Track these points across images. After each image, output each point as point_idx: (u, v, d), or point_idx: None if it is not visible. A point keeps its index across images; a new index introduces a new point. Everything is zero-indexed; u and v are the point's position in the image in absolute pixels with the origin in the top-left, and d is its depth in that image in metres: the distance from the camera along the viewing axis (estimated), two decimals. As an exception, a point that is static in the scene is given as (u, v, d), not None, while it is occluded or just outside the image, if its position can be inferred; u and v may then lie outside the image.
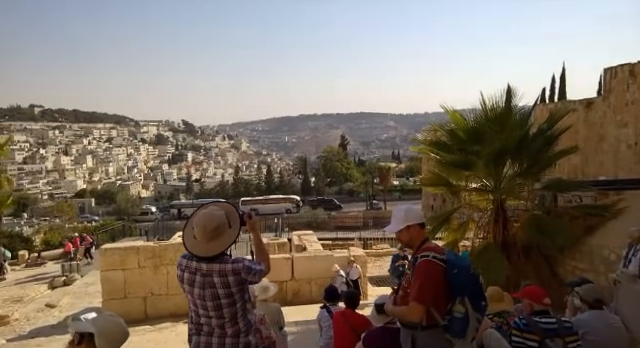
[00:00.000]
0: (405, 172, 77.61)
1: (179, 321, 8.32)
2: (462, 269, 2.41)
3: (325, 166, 71.59)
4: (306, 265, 10.37)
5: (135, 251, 10.13)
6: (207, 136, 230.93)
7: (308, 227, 22.86)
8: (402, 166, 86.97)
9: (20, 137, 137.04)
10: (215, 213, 2.42)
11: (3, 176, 26.53)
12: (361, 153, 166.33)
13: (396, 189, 57.44)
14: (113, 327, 1.88)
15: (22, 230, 28.22)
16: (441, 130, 7.80)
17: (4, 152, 27.32)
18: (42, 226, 31.59)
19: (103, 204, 73.20)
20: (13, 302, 11.95)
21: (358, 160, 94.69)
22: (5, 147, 27.71)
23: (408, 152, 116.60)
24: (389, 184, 48.40)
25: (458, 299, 2.37)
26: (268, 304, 4.57)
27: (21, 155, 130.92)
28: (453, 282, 2.38)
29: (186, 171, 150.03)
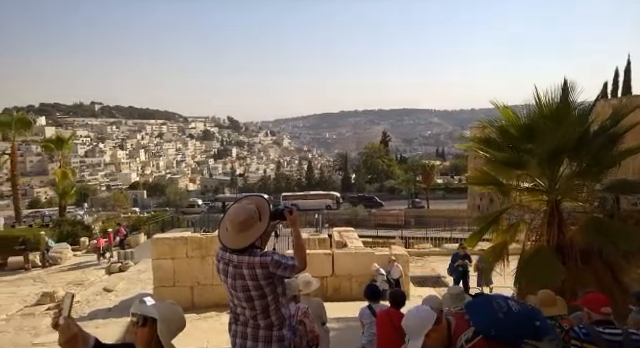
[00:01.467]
0: (450, 170, 75.38)
1: (223, 311, 8.57)
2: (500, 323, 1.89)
3: (366, 163, 70.97)
4: (347, 261, 10.33)
5: (184, 242, 10.52)
6: (250, 132, 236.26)
7: (348, 224, 22.73)
8: (446, 164, 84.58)
9: (82, 132, 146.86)
10: (245, 207, 2.49)
11: (68, 168, 28.60)
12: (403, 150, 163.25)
13: (440, 187, 55.92)
14: (174, 315, 1.93)
15: (83, 218, 30.25)
16: (490, 127, 7.44)
17: (69, 146, 29.48)
18: (100, 215, 33.75)
19: (154, 196, 76.87)
20: (75, 285, 12.90)
21: (400, 157, 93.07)
22: (70, 141, 29.91)
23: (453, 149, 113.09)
24: (432, 182, 47.16)
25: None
26: (311, 298, 4.59)
27: (83, 149, 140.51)
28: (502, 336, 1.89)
29: (230, 166, 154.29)
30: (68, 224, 23.09)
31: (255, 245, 2.48)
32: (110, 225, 26.37)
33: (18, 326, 8.09)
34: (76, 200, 40.61)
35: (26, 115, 30.15)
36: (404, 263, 10.22)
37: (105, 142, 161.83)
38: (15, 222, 25.72)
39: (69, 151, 31.68)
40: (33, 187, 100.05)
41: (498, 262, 7.12)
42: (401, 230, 23.26)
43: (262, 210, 2.52)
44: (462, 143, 10.98)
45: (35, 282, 14.07)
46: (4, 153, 26.34)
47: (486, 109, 8.48)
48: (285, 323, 2.55)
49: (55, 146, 28.19)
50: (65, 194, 26.71)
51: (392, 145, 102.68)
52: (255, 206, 2.52)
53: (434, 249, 16.85)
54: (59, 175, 26.96)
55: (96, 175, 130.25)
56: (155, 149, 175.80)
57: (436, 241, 19.13)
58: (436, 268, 13.55)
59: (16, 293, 12.48)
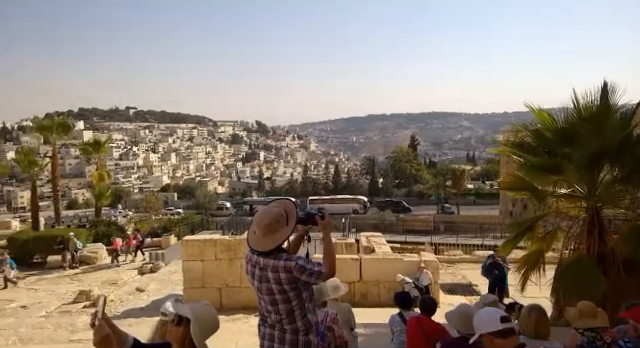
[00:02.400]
0: (481, 175, 73.68)
1: (250, 314, 8.63)
2: None
3: (394, 167, 70.32)
4: (374, 267, 10.20)
5: (212, 244, 10.66)
6: (278, 136, 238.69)
7: (375, 229, 22.54)
8: (477, 169, 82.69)
9: (117, 136, 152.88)
10: (271, 210, 2.49)
11: (104, 171, 29.73)
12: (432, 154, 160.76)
13: (470, 193, 54.71)
14: (207, 316, 1.96)
15: (117, 219, 31.36)
16: (525, 130, 7.20)
17: (105, 149, 30.68)
18: (133, 216, 34.89)
19: (184, 198, 78.89)
20: (110, 284, 13.36)
21: (429, 161, 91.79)
22: (106, 145, 31.13)
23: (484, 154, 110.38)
24: (463, 187, 46.20)
25: None
26: (339, 304, 4.56)
27: (117, 152, 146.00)
28: None
29: (258, 169, 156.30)
30: (103, 225, 23.97)
31: (281, 249, 2.48)
32: (142, 226, 27.23)
33: (56, 323, 8.45)
34: (111, 202, 42.17)
35: (66, 120, 31.56)
36: (434, 270, 9.99)
37: (138, 145, 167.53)
38: (55, 222, 26.95)
39: (105, 154, 32.93)
40: (71, 189, 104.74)
41: (533, 271, 6.84)
42: (430, 236, 22.82)
43: (289, 214, 2.51)
44: (494, 147, 10.62)
45: (72, 281, 14.68)
46: (46, 156, 27.67)
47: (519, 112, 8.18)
48: (312, 329, 2.53)
49: (92, 149, 29.38)
50: (101, 196, 27.75)
51: (421, 149, 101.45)
52: (282, 210, 2.51)
53: (465, 256, 16.39)
54: (96, 177, 28.07)
55: (130, 177, 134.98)
56: (186, 152, 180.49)
57: (467, 248, 18.64)
58: (467, 276, 13.18)
59: (55, 291, 13.05)
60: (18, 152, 29.34)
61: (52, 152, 26.58)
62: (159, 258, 16.81)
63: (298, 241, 2.84)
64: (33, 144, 42.33)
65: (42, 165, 26.70)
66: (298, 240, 2.84)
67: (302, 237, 2.83)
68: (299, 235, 2.83)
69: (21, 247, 18.21)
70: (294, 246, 2.81)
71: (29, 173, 26.15)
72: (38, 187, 27.17)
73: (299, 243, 2.85)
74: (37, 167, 26.16)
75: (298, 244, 2.85)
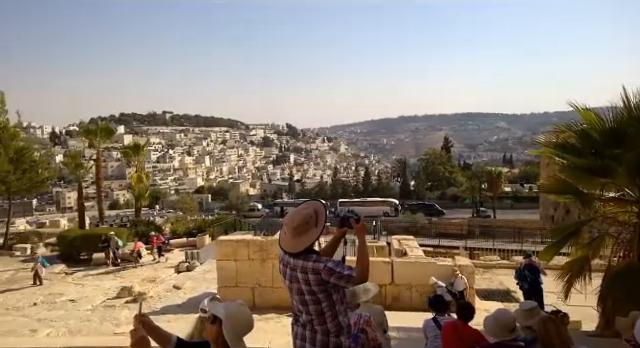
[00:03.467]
0: (519, 178, 71.03)
1: (283, 314, 8.70)
2: None
3: (426, 169, 68.88)
4: (407, 270, 10.05)
5: (245, 244, 10.83)
6: (308, 138, 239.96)
7: (406, 232, 22.15)
8: (515, 171, 79.78)
9: (154, 139, 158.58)
10: (300, 212, 2.50)
11: (143, 173, 30.92)
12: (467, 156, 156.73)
13: (508, 196, 52.77)
14: (240, 315, 1.97)
15: (155, 220, 32.47)
16: (569, 131, 6.87)
17: (143, 152, 31.91)
18: (170, 217, 36.03)
19: (217, 200, 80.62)
20: (149, 282, 13.88)
21: (463, 164, 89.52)
22: (144, 148, 32.37)
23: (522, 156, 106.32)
24: (499, 190, 44.55)
25: None
26: (372, 306, 4.53)
27: (155, 155, 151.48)
28: None
29: (288, 171, 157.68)
30: (143, 224, 24.89)
31: (311, 250, 2.47)
32: (178, 226, 28.05)
33: (102, 316, 8.88)
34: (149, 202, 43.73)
35: (109, 124, 33.09)
36: (469, 275, 9.73)
37: (174, 149, 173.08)
38: (99, 222, 28.25)
39: (144, 157, 34.25)
40: (113, 190, 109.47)
41: (578, 279, 6.52)
42: (465, 240, 22.21)
43: (319, 215, 2.50)
44: (535, 149, 10.19)
45: (115, 277, 15.36)
46: (90, 159, 29.10)
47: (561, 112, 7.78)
48: (343, 331, 2.51)
49: (132, 152, 30.62)
50: (140, 197, 28.85)
51: (454, 151, 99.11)
52: (312, 211, 2.50)
53: (502, 262, 15.83)
54: (135, 179, 29.22)
55: (166, 179, 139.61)
56: (219, 155, 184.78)
57: (504, 253, 18.00)
58: (505, 282, 12.74)
59: (99, 286, 13.70)
60: (66, 155, 31.01)
61: (96, 155, 27.91)
62: (194, 257, 17.25)
63: (334, 244, 2.82)
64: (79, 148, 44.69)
65: (87, 167, 28.08)
66: (334, 243, 2.82)
67: (338, 240, 2.82)
68: (335, 238, 2.81)
69: (69, 244, 19.23)
70: (330, 249, 2.80)
71: (76, 175, 27.58)
72: (83, 188, 28.59)
73: (335, 246, 2.83)
74: (83, 169, 27.54)
75: (334, 247, 2.83)
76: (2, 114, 23.96)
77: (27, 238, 25.11)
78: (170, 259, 18.58)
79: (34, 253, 18.06)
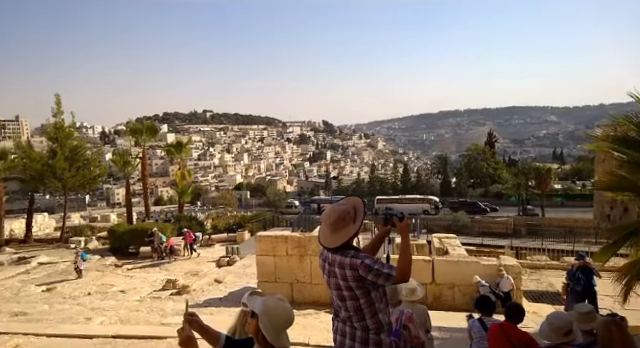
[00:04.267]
0: (570, 174, 67.24)
1: (321, 310, 8.72)
2: None
3: (468, 166, 66.44)
4: (448, 269, 9.76)
5: (284, 240, 10.94)
6: (345, 135, 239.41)
7: (447, 230, 21.61)
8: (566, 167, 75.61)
9: (196, 137, 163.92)
10: (338, 207, 2.50)
11: (185, 170, 32.04)
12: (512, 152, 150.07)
13: (558, 194, 50.09)
14: (277, 311, 1.96)
15: (197, 215, 33.60)
16: (628, 124, 6.35)
17: (186, 150, 33.04)
18: (211, 213, 37.15)
19: (256, 196, 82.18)
20: (192, 275, 14.37)
21: (509, 160, 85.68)
22: (187, 146, 33.53)
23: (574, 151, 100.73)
24: (548, 188, 42.23)
25: None
26: (415, 305, 4.44)
27: (196, 153, 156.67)
28: None
29: (325, 168, 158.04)
30: (186, 220, 25.79)
31: (350, 246, 2.47)
32: (219, 222, 28.85)
33: (149, 307, 9.29)
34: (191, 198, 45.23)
35: (153, 123, 34.49)
36: (515, 275, 9.32)
37: (214, 146, 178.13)
38: (145, 217, 29.57)
39: (186, 155, 35.42)
40: (157, 186, 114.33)
41: (638, 281, 6.05)
42: (510, 239, 21.33)
43: (357, 212, 2.51)
44: (590, 143, 9.50)
45: (160, 270, 16.03)
46: (137, 157, 30.49)
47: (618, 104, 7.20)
48: (383, 329, 2.48)
49: (175, 150, 31.78)
50: (183, 193, 29.93)
51: (499, 146, 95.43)
52: (349, 207, 2.51)
53: (552, 263, 14.99)
54: (178, 176, 30.33)
55: (207, 176, 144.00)
56: (257, 152, 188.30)
57: (554, 253, 17.08)
58: (555, 283, 12.09)
59: (146, 278, 14.35)
60: (114, 154, 32.65)
61: (142, 153, 29.21)
62: (234, 252, 17.68)
63: (378, 241, 2.79)
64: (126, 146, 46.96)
65: (134, 165, 29.44)
66: (378, 240, 2.79)
67: (382, 238, 2.78)
68: (379, 235, 2.78)
69: (118, 238, 20.27)
70: (373, 246, 2.78)
71: (124, 172, 29.02)
72: (130, 185, 30.01)
73: (379, 243, 2.80)
74: (130, 167, 28.92)
75: (378, 245, 2.80)
76: (58, 115, 25.57)
77: (81, 231, 26.77)
78: (211, 253, 19.15)
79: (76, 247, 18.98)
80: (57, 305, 9.61)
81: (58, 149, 25.07)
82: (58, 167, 24.50)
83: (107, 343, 5.10)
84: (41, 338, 5.36)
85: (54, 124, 25.53)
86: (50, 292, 12.37)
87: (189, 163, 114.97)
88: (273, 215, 32.40)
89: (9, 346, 4.96)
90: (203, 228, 25.91)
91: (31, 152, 25.95)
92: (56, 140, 25.40)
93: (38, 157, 25.37)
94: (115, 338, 5.29)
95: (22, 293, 12.22)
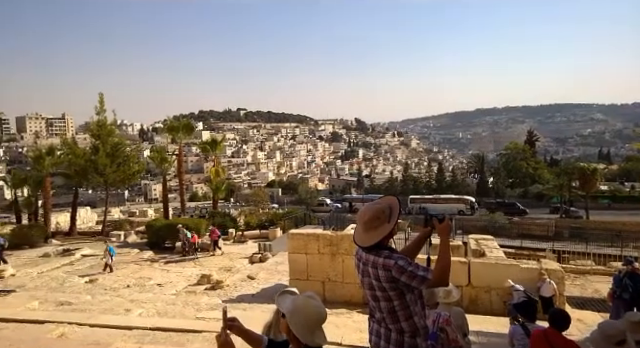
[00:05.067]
0: (617, 175, 63.53)
1: (353, 310, 8.62)
2: None
3: (507, 165, 63.98)
4: (485, 272, 9.43)
5: (315, 238, 10.90)
6: (377, 133, 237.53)
7: (483, 231, 20.89)
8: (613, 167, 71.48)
9: (229, 135, 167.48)
10: (373, 206, 2.48)
11: (219, 167, 32.76)
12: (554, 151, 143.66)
13: (604, 195, 47.42)
14: (306, 309, 1.91)
15: (230, 212, 34.27)
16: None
17: (220, 148, 33.79)
18: (244, 210, 37.77)
19: (287, 194, 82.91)
20: (225, 271, 14.64)
21: (550, 159, 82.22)
22: (221, 144, 34.27)
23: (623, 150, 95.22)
24: (594, 189, 40.01)
25: None
26: (452, 307, 4.34)
27: (230, 150, 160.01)
28: None
29: (357, 167, 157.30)
30: (220, 216, 26.35)
31: (385, 245, 2.43)
32: (251, 219, 29.26)
33: (184, 301, 9.54)
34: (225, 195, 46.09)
35: (189, 121, 35.46)
36: (558, 280, 8.89)
37: (248, 144, 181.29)
38: (181, 212, 30.48)
39: (220, 152, 36.18)
40: (192, 183, 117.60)
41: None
42: (552, 242, 20.40)
43: (393, 211, 2.46)
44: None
45: (195, 265, 16.44)
46: (173, 154, 31.45)
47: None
48: (419, 332, 2.41)
49: (210, 148, 32.54)
50: (217, 189, 30.60)
51: (540, 145, 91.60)
52: (384, 206, 2.46)
53: (597, 267, 14.18)
54: (213, 173, 31.05)
55: (240, 173, 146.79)
56: (289, 150, 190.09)
57: (600, 258, 16.16)
58: (601, 290, 11.44)
59: (182, 273, 14.75)
60: (152, 150, 33.84)
61: (178, 150, 30.10)
62: (267, 249, 17.85)
63: (419, 243, 2.70)
64: (163, 143, 48.56)
65: (171, 162, 30.40)
66: (419, 242, 2.70)
67: (423, 239, 2.68)
68: (420, 237, 2.69)
69: (155, 233, 20.97)
70: (414, 248, 2.70)
71: (161, 169, 30.02)
72: (167, 181, 31.02)
73: (419, 245, 2.70)
74: (167, 163, 29.88)
75: (418, 246, 2.71)
76: (101, 113, 26.78)
77: (121, 226, 27.98)
78: (244, 250, 19.46)
79: (105, 242, 19.41)
80: (99, 296, 10.05)
81: (100, 146, 26.26)
82: (100, 163, 25.66)
83: (146, 335, 5.25)
84: (84, 327, 5.59)
85: (97, 122, 26.74)
86: (92, 283, 12.96)
87: (223, 160, 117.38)
88: (305, 213, 32.51)
89: (55, 334, 5.20)
90: (236, 224, 26.36)
91: (76, 148, 27.30)
92: (99, 137, 26.60)
93: (82, 153, 26.68)
94: (153, 330, 5.43)
95: (67, 283, 12.87)
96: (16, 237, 22.05)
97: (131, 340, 4.91)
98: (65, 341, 4.97)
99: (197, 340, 5.09)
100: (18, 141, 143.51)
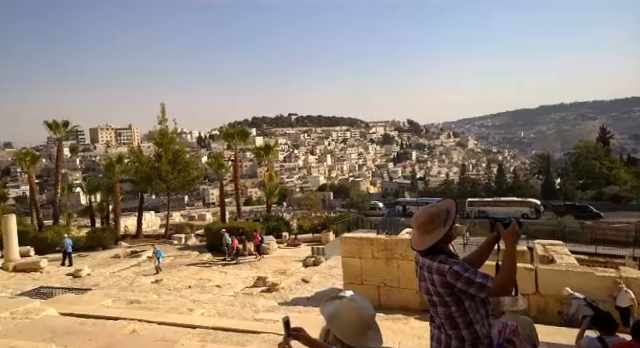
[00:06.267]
0: None
1: (410, 315, 8.40)
2: None
3: (576, 165, 59.09)
4: (555, 280, 8.79)
5: (369, 242, 10.78)
6: (431, 134, 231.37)
7: (551, 236, 19.57)
8: (703, 167, 63.68)
9: (281, 140, 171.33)
10: (427, 209, 2.45)
11: (272, 172, 33.55)
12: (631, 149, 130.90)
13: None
14: (346, 314, 1.85)
15: (283, 216, 34.95)
16: None
17: (273, 152, 34.62)
18: (296, 213, 38.37)
19: (339, 197, 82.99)
20: (280, 274, 14.92)
21: (627, 158, 74.92)
22: (274, 149, 35.12)
23: None
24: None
25: None
26: (519, 316, 4.11)
27: (282, 155, 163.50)
28: None
29: (410, 169, 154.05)
30: (274, 220, 26.93)
31: (441, 249, 2.35)
32: (304, 222, 29.60)
33: (242, 302, 9.84)
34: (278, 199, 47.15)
35: (244, 128, 36.70)
36: (638, 289, 8.09)
37: (299, 148, 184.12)
38: (237, 216, 31.55)
39: (274, 157, 37.04)
40: (247, 187, 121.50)
41: None
42: (632, 248, 18.63)
43: (449, 215, 2.40)
44: None
45: (251, 267, 16.91)
46: (229, 159, 32.68)
47: None
48: (481, 341, 2.31)
49: (264, 153, 33.44)
50: (271, 194, 31.34)
51: (614, 143, 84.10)
52: (440, 210, 2.41)
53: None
54: (266, 177, 31.85)
55: (292, 178, 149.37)
56: (340, 154, 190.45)
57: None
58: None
59: (239, 275, 15.24)
60: (209, 157, 35.43)
61: (234, 156, 31.23)
62: (320, 252, 17.95)
63: (485, 250, 2.56)
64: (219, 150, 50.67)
65: (227, 167, 31.62)
66: (486, 248, 2.55)
67: (490, 245, 2.53)
68: (487, 242, 2.55)
69: (213, 236, 21.85)
70: (480, 254, 2.57)
71: (218, 174, 31.31)
72: (223, 186, 32.28)
73: (486, 251, 2.56)
74: (223, 169, 31.11)
75: (485, 253, 2.56)
76: (163, 122, 28.48)
77: (182, 229, 29.50)
78: (297, 253, 19.71)
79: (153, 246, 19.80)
80: (164, 296, 10.64)
81: (163, 153, 27.92)
82: (163, 170, 27.26)
83: (208, 334, 5.46)
84: (153, 325, 5.93)
85: (159, 131, 28.47)
86: (157, 283, 13.75)
87: (275, 165, 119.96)
88: (357, 217, 32.31)
89: (128, 330, 5.59)
90: (289, 228, 26.78)
91: (141, 156, 29.27)
92: (161, 145, 28.30)
93: (147, 161, 28.53)
94: (215, 330, 5.64)
95: (135, 283, 13.78)
96: (90, 239, 24.02)
97: (195, 338, 5.12)
98: (137, 337, 5.30)
99: (256, 341, 5.20)
100: (92, 150, 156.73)
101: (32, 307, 6.47)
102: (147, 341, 4.79)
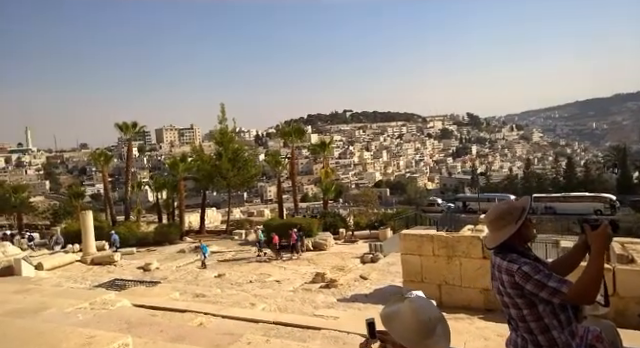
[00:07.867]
0: None
1: (474, 315, 8.05)
2: None
3: (657, 157, 53.71)
4: (635, 280, 7.94)
5: (429, 239, 10.44)
6: (493, 128, 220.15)
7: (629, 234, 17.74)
8: None
9: (336, 137, 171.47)
10: (499, 206, 2.40)
11: (329, 168, 33.79)
12: None
13: None
14: (405, 316, 1.74)
15: (339, 212, 35.04)
16: None
17: (329, 149, 34.87)
18: (352, 210, 38.31)
19: (396, 194, 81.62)
20: (338, 270, 14.97)
21: None
22: (330, 146, 35.37)
23: None
24: None
25: None
26: (601, 321, 3.74)
27: (337, 151, 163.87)
28: None
29: (470, 164, 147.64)
30: (330, 216, 27.09)
31: (513, 248, 2.24)
32: (361, 219, 29.46)
33: (301, 298, 9.99)
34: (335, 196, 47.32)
35: (300, 126, 37.29)
36: None
37: (354, 145, 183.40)
38: (294, 212, 32.17)
39: (329, 154, 37.28)
40: (303, 184, 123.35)
41: None
42: None
43: (523, 212, 2.31)
44: None
45: (309, 263, 17.14)
46: (286, 157, 33.39)
47: None
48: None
49: (319, 150, 33.76)
50: (327, 190, 31.58)
51: None
52: (512, 207, 2.33)
53: None
54: (323, 174, 32.16)
55: (347, 174, 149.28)
56: (396, 149, 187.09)
57: None
58: None
59: (297, 271, 15.51)
60: (267, 154, 36.42)
61: (291, 153, 31.85)
62: (377, 249, 17.77)
63: (576, 253, 2.36)
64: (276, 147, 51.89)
65: (284, 164, 32.34)
66: (575, 252, 2.36)
67: (580, 248, 2.32)
68: (576, 246, 2.35)
69: (272, 231, 22.43)
70: (567, 258, 2.42)
71: (275, 171, 32.13)
72: (281, 183, 33.06)
73: (577, 255, 2.36)
74: (281, 166, 31.86)
75: (573, 256, 2.37)
76: (223, 122, 29.73)
77: (242, 225, 30.62)
78: (355, 249, 19.66)
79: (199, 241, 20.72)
80: (227, 290, 11.08)
81: (223, 152, 29.16)
82: (223, 168, 28.48)
83: (271, 328, 5.58)
84: (217, 318, 6.19)
85: (220, 130, 29.75)
86: (220, 278, 14.37)
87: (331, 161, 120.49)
88: (415, 213, 31.58)
89: (195, 323, 5.88)
90: (346, 224, 26.81)
91: (203, 155, 30.82)
92: (221, 144, 29.57)
93: (208, 159, 29.97)
94: (276, 324, 5.76)
95: (200, 277, 14.51)
96: (158, 235, 25.70)
97: (258, 332, 5.26)
98: (203, 330, 5.55)
99: (317, 337, 5.23)
100: (157, 150, 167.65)
101: (108, 298, 6.97)
102: (214, 334, 4.99)
